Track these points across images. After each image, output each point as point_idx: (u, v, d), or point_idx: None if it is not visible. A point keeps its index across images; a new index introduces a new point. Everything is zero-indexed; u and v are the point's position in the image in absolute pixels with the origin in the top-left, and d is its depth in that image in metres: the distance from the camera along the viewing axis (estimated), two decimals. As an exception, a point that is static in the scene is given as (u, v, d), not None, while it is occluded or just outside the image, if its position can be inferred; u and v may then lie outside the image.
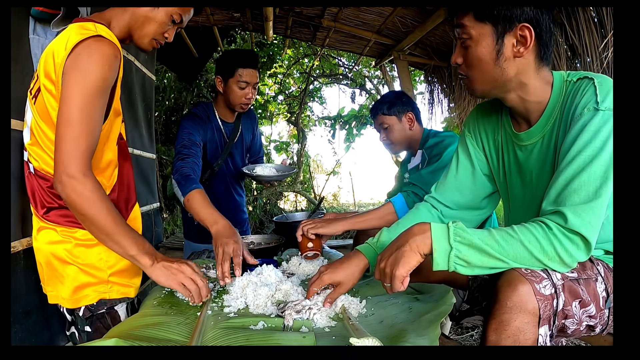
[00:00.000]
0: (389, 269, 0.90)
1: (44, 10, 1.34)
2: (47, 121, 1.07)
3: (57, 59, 1.01)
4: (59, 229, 1.14)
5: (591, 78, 0.96)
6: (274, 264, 1.50)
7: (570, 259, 0.85)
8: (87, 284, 1.15)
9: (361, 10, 3.12)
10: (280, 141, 7.70)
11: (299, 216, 2.57)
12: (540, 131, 1.05)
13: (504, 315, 0.85)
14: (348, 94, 7.40)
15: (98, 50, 1.01)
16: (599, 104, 0.89)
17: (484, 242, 0.86)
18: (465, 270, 0.87)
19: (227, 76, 1.83)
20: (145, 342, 0.83)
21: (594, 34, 2.07)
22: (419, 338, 0.79)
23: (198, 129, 1.81)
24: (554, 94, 1.02)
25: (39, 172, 1.13)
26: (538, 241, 0.85)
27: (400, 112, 1.93)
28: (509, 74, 1.00)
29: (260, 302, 1.12)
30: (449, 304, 0.92)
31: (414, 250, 0.88)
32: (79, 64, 0.99)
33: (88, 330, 1.18)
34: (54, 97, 1.03)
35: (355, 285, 1.13)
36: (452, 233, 0.87)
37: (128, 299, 1.22)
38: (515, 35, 0.97)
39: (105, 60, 1.01)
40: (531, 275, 0.87)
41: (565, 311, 0.89)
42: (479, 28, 0.99)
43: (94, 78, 0.99)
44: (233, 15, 3.31)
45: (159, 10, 1.16)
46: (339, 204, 8.73)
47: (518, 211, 1.16)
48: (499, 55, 0.98)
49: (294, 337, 0.88)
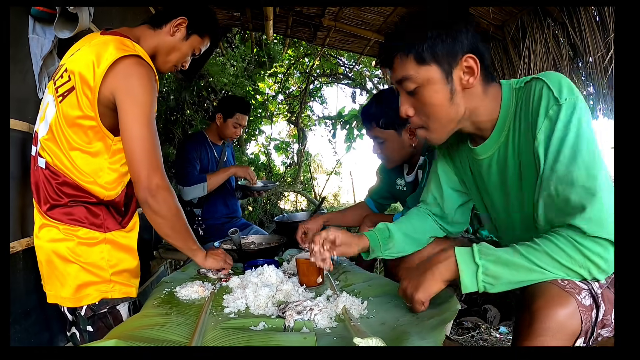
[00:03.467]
0: (410, 292, 0.94)
1: (44, 10, 1.34)
2: (69, 122, 1.13)
3: (98, 69, 1.08)
4: (61, 227, 1.15)
5: (538, 78, 0.93)
6: (274, 264, 1.49)
7: (604, 263, 0.80)
8: (89, 283, 1.16)
9: (362, 10, 3.11)
10: (280, 140, 7.69)
11: (299, 216, 2.57)
12: (494, 143, 1.03)
13: (540, 337, 0.79)
14: (348, 93, 7.41)
15: (144, 73, 1.13)
16: (558, 99, 0.87)
17: (510, 255, 0.84)
18: (494, 288, 0.85)
19: (226, 116, 2.41)
20: (145, 343, 0.83)
21: (595, 34, 2.06)
22: (422, 341, 0.79)
23: (196, 148, 2.42)
24: (504, 106, 0.99)
25: (51, 167, 1.16)
26: (563, 250, 0.81)
27: (400, 125, 1.57)
28: (461, 110, 0.97)
29: (261, 303, 1.11)
30: (454, 311, 0.91)
31: (437, 279, 0.90)
32: (132, 88, 1.10)
33: (90, 330, 1.18)
34: (90, 101, 1.11)
35: (350, 255, 1.21)
36: (477, 252, 0.86)
37: (130, 298, 1.23)
38: (461, 68, 0.93)
39: (151, 84, 1.14)
40: (569, 286, 0.82)
41: (604, 320, 0.85)
42: (424, 72, 0.92)
43: (149, 102, 1.12)
44: (233, 14, 3.30)
45: (184, 43, 1.32)
46: (339, 204, 8.72)
47: (501, 224, 1.15)
48: (452, 93, 0.94)
49: (295, 337, 0.88)
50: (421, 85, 0.94)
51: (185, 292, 1.23)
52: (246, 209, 6.17)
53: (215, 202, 2.53)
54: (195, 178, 2.27)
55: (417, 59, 0.92)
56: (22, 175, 1.30)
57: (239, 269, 1.58)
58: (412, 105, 0.99)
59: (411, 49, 0.92)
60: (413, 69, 0.93)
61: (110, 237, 1.19)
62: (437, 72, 0.92)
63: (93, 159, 1.16)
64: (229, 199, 2.62)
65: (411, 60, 0.93)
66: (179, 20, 1.28)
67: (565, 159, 0.85)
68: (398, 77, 0.97)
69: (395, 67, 0.97)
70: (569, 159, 0.84)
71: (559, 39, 2.29)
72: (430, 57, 0.91)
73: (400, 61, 0.95)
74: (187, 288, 1.24)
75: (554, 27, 2.29)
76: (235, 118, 2.41)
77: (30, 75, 1.35)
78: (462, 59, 0.92)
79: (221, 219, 2.55)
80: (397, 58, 0.95)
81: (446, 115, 0.96)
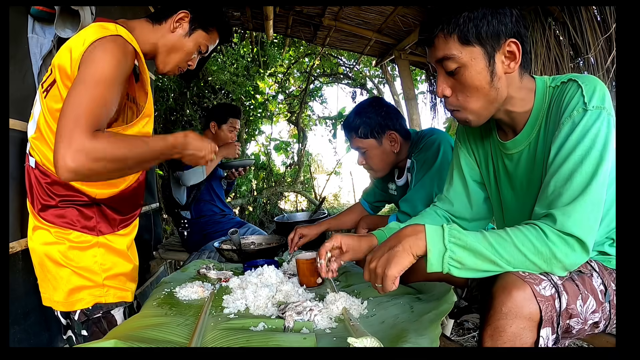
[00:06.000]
0: (381, 269, 0.88)
1: (44, 10, 1.34)
2: (54, 116, 1.04)
3: (74, 54, 0.99)
4: (53, 229, 1.12)
5: (575, 80, 0.93)
6: (274, 264, 1.49)
7: (569, 261, 0.83)
8: (82, 287, 1.13)
9: (362, 9, 3.11)
10: (280, 140, 7.68)
11: (299, 216, 2.57)
12: (526, 139, 1.02)
13: (499, 321, 0.83)
14: (349, 93, 7.40)
15: (113, 42, 0.99)
16: (586, 104, 0.88)
17: (480, 244, 0.84)
18: (459, 272, 0.85)
19: (221, 123, 2.50)
20: (144, 344, 0.83)
21: (597, 33, 2.05)
22: (419, 338, 0.79)
23: None
24: (537, 101, 0.99)
25: (40, 166, 1.11)
26: (532, 243, 0.83)
27: (379, 132, 1.56)
28: (503, 94, 0.96)
29: (261, 303, 1.11)
30: (450, 303, 0.91)
31: (407, 251, 0.86)
32: (92, 55, 0.97)
33: (85, 334, 1.16)
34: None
35: (360, 258, 1.15)
36: (447, 234, 0.85)
37: (125, 303, 1.20)
38: (503, 52, 0.92)
39: (119, 50, 0.98)
40: (529, 277, 0.85)
41: (569, 310, 0.88)
42: (467, 52, 0.91)
43: (105, 65, 0.96)
44: (233, 14, 3.30)
45: (187, 39, 1.18)
46: (339, 204, 8.72)
47: (512, 220, 1.14)
48: (493, 76, 0.93)
49: (295, 338, 0.88)
50: (463, 66, 0.92)
51: (185, 292, 1.23)
52: (246, 209, 6.17)
53: (204, 203, 2.55)
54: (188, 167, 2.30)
55: (460, 39, 0.90)
56: (22, 176, 1.30)
57: (238, 269, 1.58)
58: (450, 86, 0.97)
59: (455, 28, 0.90)
60: (456, 48, 0.91)
61: (103, 240, 1.16)
62: (480, 54, 0.91)
63: None
64: (217, 201, 2.64)
65: (455, 40, 0.91)
66: (181, 14, 1.16)
67: (572, 163, 0.86)
68: (439, 56, 0.94)
69: (437, 46, 0.94)
70: (576, 163, 0.85)
71: (560, 38, 2.29)
72: (475, 38, 0.90)
73: (445, 40, 0.92)
74: (186, 288, 1.24)
75: (555, 26, 2.28)
76: (229, 123, 2.52)
77: (30, 75, 1.35)
78: (505, 42, 0.91)
79: (212, 218, 2.56)
80: (440, 37, 0.93)
81: (487, 97, 0.95)
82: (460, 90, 0.96)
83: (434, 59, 0.96)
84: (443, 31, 0.92)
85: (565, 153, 0.87)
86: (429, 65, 1.04)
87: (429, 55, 0.98)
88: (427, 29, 0.95)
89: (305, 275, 1.31)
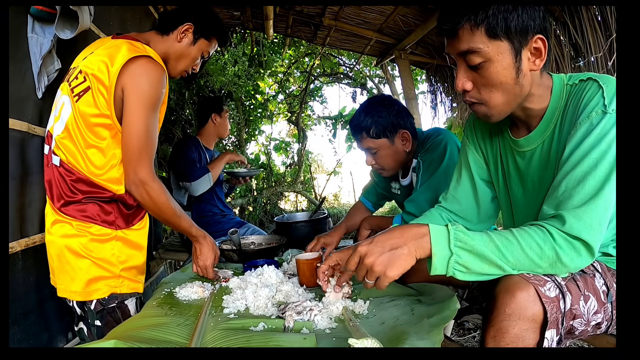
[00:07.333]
0: (380, 268, 0.84)
1: (43, 9, 1.33)
2: (86, 120, 1.17)
3: (112, 68, 1.15)
4: (74, 223, 1.19)
5: (595, 79, 0.91)
6: (274, 264, 1.49)
7: (573, 265, 0.82)
8: (100, 278, 1.20)
9: (362, 9, 3.10)
10: (280, 140, 7.68)
11: (299, 216, 2.56)
12: (540, 136, 1.00)
13: (502, 322, 0.82)
14: (349, 93, 7.39)
15: (153, 71, 1.19)
16: (606, 107, 0.86)
17: (486, 247, 0.82)
18: (464, 276, 0.83)
19: (219, 111, 2.64)
20: (144, 344, 0.83)
21: (597, 33, 2.05)
22: (420, 341, 0.78)
23: (194, 149, 2.57)
24: (554, 98, 0.97)
25: (66, 165, 1.20)
26: (539, 246, 0.81)
27: (391, 132, 1.53)
28: (526, 90, 0.93)
29: (261, 303, 1.11)
30: (453, 310, 0.89)
31: (412, 255, 0.84)
32: (139, 84, 1.16)
33: (98, 324, 1.21)
34: (106, 100, 1.16)
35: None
36: (453, 237, 0.83)
37: (137, 294, 1.27)
38: (530, 49, 0.88)
39: (159, 82, 1.20)
40: (534, 278, 0.84)
41: (573, 311, 0.87)
42: (494, 47, 0.86)
43: (153, 98, 1.19)
44: (233, 13, 3.30)
45: (192, 48, 1.37)
46: (339, 204, 8.71)
47: (522, 219, 1.13)
48: (519, 73, 0.89)
49: (295, 338, 0.88)
50: (489, 61, 0.88)
51: (185, 292, 1.23)
52: (246, 209, 6.17)
53: (205, 204, 2.57)
54: (199, 171, 2.39)
55: (488, 32, 0.86)
56: (21, 176, 1.30)
57: (238, 269, 1.58)
58: (472, 80, 0.92)
59: (484, 20, 0.85)
60: (483, 42, 0.86)
61: (121, 234, 1.24)
62: (507, 49, 0.87)
63: (106, 154, 1.20)
64: (217, 201, 2.66)
65: (482, 33, 0.86)
66: (185, 26, 1.34)
67: (587, 166, 0.84)
68: (462, 49, 0.89)
69: (461, 38, 0.88)
70: (590, 167, 0.84)
71: (561, 38, 2.29)
72: (503, 32, 0.85)
73: (471, 32, 0.87)
74: (186, 288, 1.24)
75: (556, 26, 2.28)
76: (224, 110, 2.67)
77: (29, 74, 1.34)
78: (532, 39, 0.87)
79: (212, 219, 2.57)
80: (465, 28, 0.87)
81: (511, 94, 0.92)
82: (483, 85, 0.92)
83: (456, 51, 0.91)
84: (470, 22, 0.86)
85: (580, 154, 0.85)
86: (447, 57, 0.96)
87: (449, 46, 0.93)
88: (450, 18, 0.89)
89: (305, 275, 1.31)
